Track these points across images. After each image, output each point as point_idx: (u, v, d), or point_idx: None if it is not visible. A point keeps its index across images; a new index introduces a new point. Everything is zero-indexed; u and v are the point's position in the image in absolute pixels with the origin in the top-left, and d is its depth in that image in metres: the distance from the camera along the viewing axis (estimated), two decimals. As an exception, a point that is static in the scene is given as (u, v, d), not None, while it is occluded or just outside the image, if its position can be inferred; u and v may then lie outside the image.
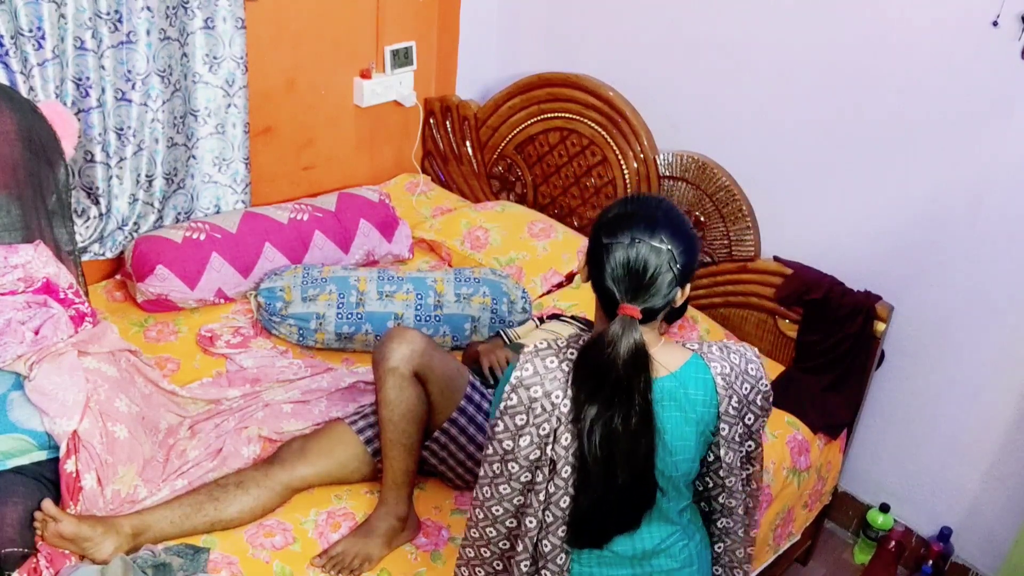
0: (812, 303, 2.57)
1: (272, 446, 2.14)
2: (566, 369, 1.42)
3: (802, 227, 2.67)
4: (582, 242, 2.98)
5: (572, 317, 2.54)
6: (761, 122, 2.66)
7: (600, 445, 1.39)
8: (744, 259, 2.74)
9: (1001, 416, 2.49)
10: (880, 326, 2.48)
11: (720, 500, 1.55)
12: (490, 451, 1.46)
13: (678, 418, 1.44)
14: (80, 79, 2.38)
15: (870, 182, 2.50)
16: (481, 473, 1.49)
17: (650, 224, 1.38)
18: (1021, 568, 2.35)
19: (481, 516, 1.50)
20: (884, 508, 2.74)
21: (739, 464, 1.52)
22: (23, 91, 2.25)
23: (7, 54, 2.22)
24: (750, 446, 1.52)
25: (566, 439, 1.41)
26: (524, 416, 1.41)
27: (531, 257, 2.93)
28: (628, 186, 2.94)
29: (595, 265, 1.41)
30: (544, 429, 1.41)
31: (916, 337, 2.56)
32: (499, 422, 1.43)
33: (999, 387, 2.46)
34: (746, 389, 1.47)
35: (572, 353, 1.43)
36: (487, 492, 1.48)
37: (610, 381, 1.37)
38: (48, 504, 1.78)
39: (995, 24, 2.17)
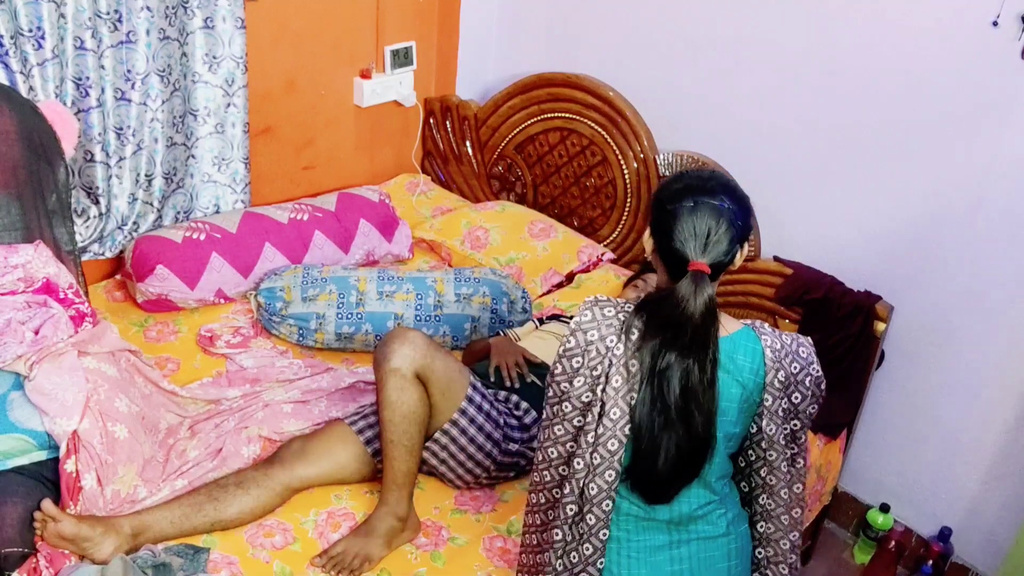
0: (812, 303, 2.57)
1: (272, 446, 2.14)
2: (622, 318, 1.50)
3: (802, 227, 2.67)
4: (583, 243, 2.98)
5: (571, 318, 2.54)
6: (761, 122, 2.66)
7: (680, 393, 1.45)
8: (744, 259, 2.73)
9: (1001, 416, 2.49)
10: (880, 326, 2.48)
11: (762, 474, 1.58)
12: (550, 393, 1.54)
13: (725, 379, 1.50)
14: (80, 79, 2.38)
15: (870, 182, 2.50)
16: (543, 416, 1.57)
17: (708, 189, 1.50)
18: (1021, 568, 2.35)
19: (540, 459, 1.57)
20: (884, 508, 2.74)
21: (782, 440, 1.55)
22: (23, 91, 2.25)
23: (7, 54, 2.21)
24: (795, 424, 1.55)
25: (617, 381, 1.48)
26: (580, 358, 1.49)
27: (531, 257, 2.93)
28: (628, 186, 2.94)
29: (661, 232, 1.50)
30: (597, 371, 1.49)
31: (916, 337, 2.56)
32: (558, 364, 1.52)
33: (999, 387, 2.46)
34: (795, 368, 1.52)
35: (629, 305, 1.53)
36: (546, 434, 1.55)
37: (687, 332, 1.44)
38: (47, 504, 1.78)
39: (995, 24, 2.17)
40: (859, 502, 2.85)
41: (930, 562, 2.63)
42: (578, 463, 1.51)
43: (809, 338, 1.58)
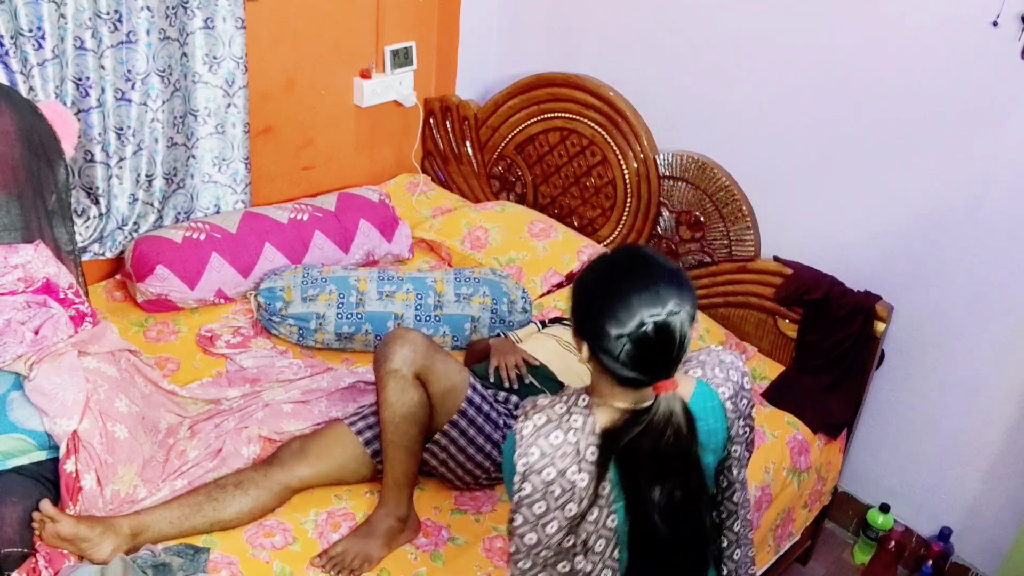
0: (812, 303, 2.57)
1: (272, 446, 2.14)
2: (572, 440, 1.31)
3: (802, 227, 2.67)
4: (583, 243, 2.98)
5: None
6: (761, 122, 2.66)
7: (667, 519, 1.34)
8: (744, 259, 2.74)
9: (1001, 416, 2.49)
10: (880, 326, 2.48)
11: (729, 507, 1.51)
12: (513, 549, 1.35)
13: (705, 456, 1.42)
14: (80, 79, 2.38)
15: (870, 182, 2.50)
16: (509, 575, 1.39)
17: (654, 293, 1.26)
18: (1021, 568, 2.35)
19: None
20: (884, 508, 2.74)
21: (744, 476, 1.51)
22: (23, 91, 2.25)
23: (7, 54, 2.21)
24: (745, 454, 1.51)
25: (593, 514, 1.33)
26: (543, 503, 1.31)
27: (531, 257, 2.93)
28: (628, 186, 2.94)
29: (603, 353, 1.29)
30: (570, 510, 1.32)
31: (916, 337, 2.56)
32: (517, 515, 1.33)
33: (999, 387, 2.46)
34: (744, 403, 1.46)
35: (574, 420, 1.33)
36: None
37: (675, 459, 1.32)
38: (46, 504, 1.77)
39: (995, 24, 2.17)
40: (859, 502, 2.85)
41: (930, 562, 2.63)
42: None
43: (733, 354, 1.45)
